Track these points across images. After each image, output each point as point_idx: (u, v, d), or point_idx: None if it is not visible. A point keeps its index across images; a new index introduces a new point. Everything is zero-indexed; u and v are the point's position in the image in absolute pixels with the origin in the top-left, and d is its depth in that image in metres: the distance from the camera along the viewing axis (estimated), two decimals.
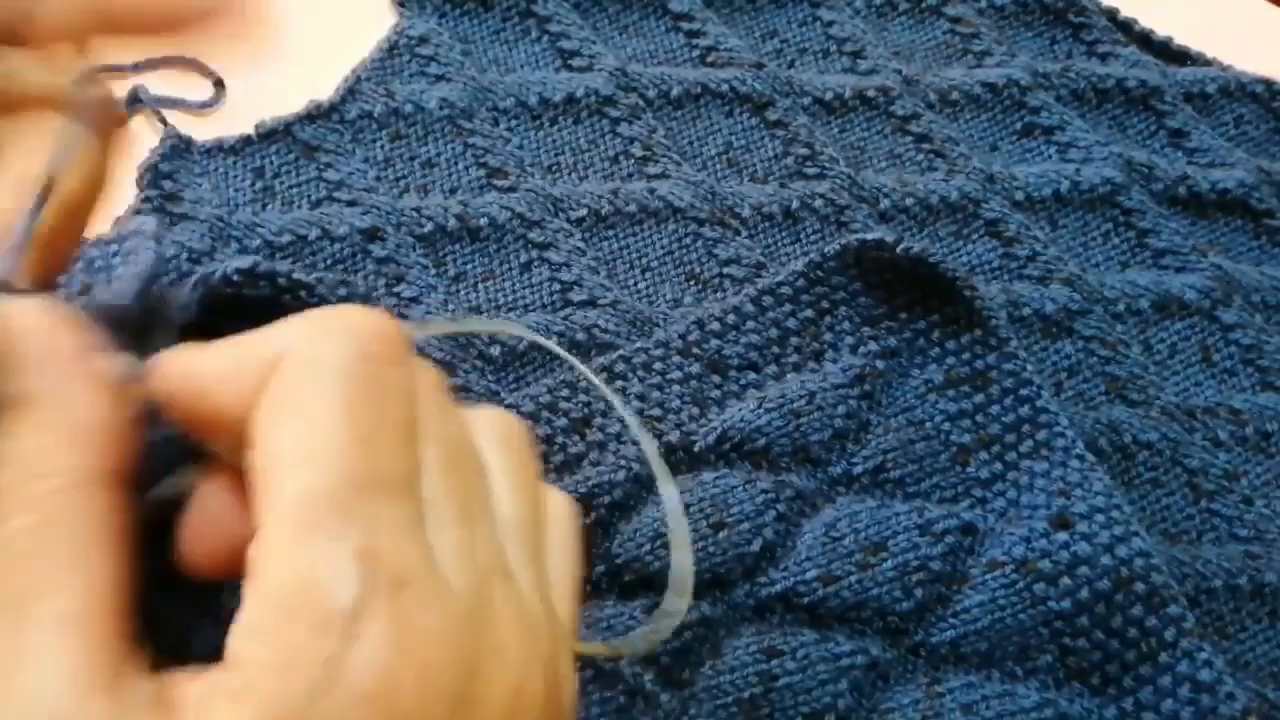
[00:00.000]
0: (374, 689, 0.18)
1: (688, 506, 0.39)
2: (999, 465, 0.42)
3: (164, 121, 0.49)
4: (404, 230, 0.46)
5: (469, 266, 0.47)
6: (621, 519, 0.39)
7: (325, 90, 0.50)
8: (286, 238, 0.45)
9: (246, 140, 0.48)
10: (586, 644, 0.27)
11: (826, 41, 0.58)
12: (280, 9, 0.55)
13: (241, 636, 0.18)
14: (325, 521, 0.18)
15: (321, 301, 0.24)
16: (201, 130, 0.48)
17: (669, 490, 0.27)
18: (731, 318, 0.44)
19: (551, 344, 0.27)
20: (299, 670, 0.17)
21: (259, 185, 0.47)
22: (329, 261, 0.46)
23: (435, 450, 0.21)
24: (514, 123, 0.51)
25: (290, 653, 0.18)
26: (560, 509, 0.25)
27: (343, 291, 0.24)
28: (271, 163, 0.48)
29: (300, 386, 0.19)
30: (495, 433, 0.24)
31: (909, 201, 0.52)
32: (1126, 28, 0.62)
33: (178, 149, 0.47)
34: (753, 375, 0.43)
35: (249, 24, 0.25)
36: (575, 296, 0.46)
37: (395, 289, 0.45)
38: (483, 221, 0.47)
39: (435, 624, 0.19)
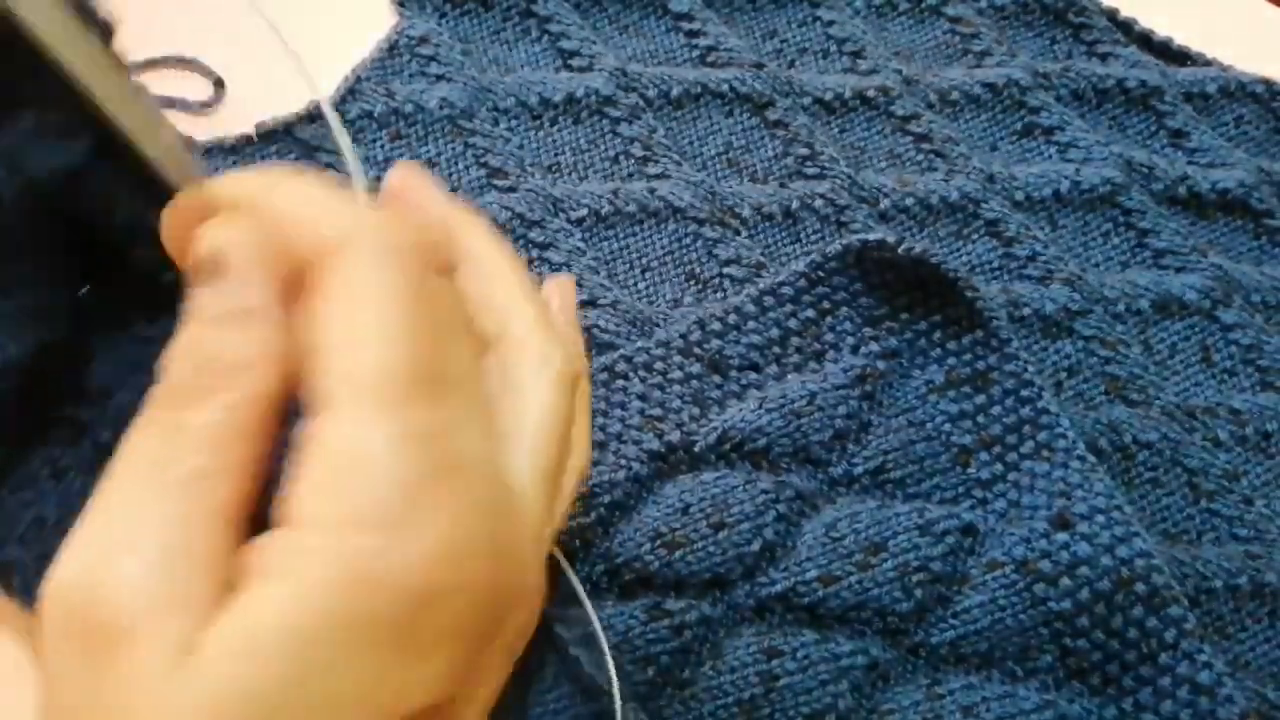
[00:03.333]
0: (429, 555, 0.19)
1: (688, 506, 0.39)
2: (999, 466, 0.42)
3: None
4: None
5: None
6: (621, 519, 0.39)
7: (327, 91, 0.50)
8: None
9: (246, 140, 0.48)
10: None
11: (826, 41, 0.58)
12: (280, 9, 0.55)
13: (310, 497, 0.19)
14: (389, 401, 0.20)
15: None
16: (201, 130, 0.48)
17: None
18: (732, 318, 0.44)
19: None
20: (363, 534, 0.19)
21: None
22: None
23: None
24: (514, 123, 0.51)
25: (363, 511, 0.19)
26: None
27: None
28: (271, 163, 0.48)
29: (369, 277, 0.20)
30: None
31: (909, 201, 0.52)
32: (1126, 28, 0.62)
33: None
34: (753, 375, 0.43)
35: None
36: (575, 296, 0.46)
37: None
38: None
39: (476, 504, 0.20)
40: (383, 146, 0.49)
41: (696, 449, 0.41)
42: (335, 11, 0.55)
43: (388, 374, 0.20)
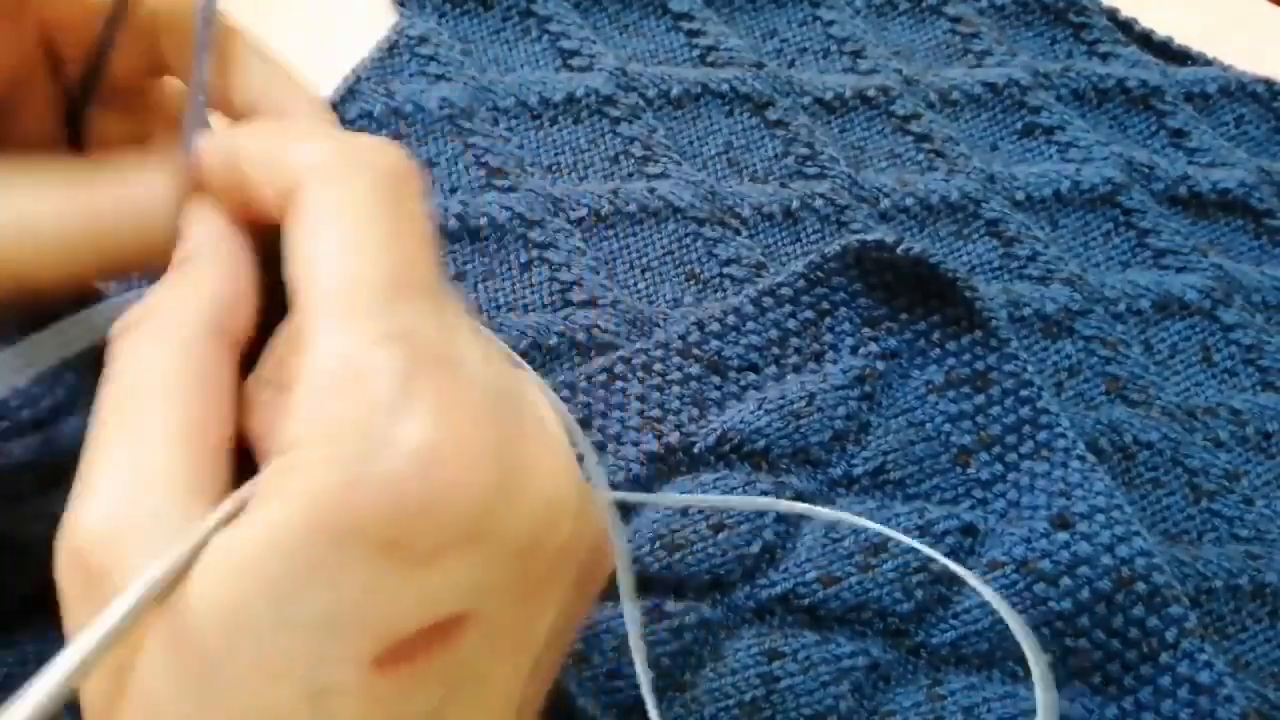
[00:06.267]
0: (419, 455, 0.18)
1: (687, 508, 0.39)
2: (999, 466, 0.42)
3: None
4: None
5: (469, 266, 0.47)
6: (621, 520, 0.39)
7: (325, 90, 0.50)
8: None
9: None
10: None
11: (827, 41, 0.58)
12: (282, 9, 0.55)
13: (295, 420, 0.19)
14: (368, 307, 0.19)
15: None
16: None
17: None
18: (731, 319, 0.44)
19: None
20: (348, 440, 0.18)
21: None
22: None
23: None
24: (514, 122, 0.51)
25: (339, 426, 0.18)
26: None
27: None
28: None
29: (336, 196, 0.21)
30: None
31: (909, 201, 0.52)
32: (1127, 28, 0.62)
33: None
34: (753, 376, 0.43)
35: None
36: (575, 296, 0.46)
37: None
38: (483, 221, 0.47)
39: (474, 402, 0.19)
40: None
41: (696, 450, 0.41)
42: (335, 11, 0.55)
43: (356, 281, 0.20)
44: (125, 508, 0.19)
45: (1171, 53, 0.61)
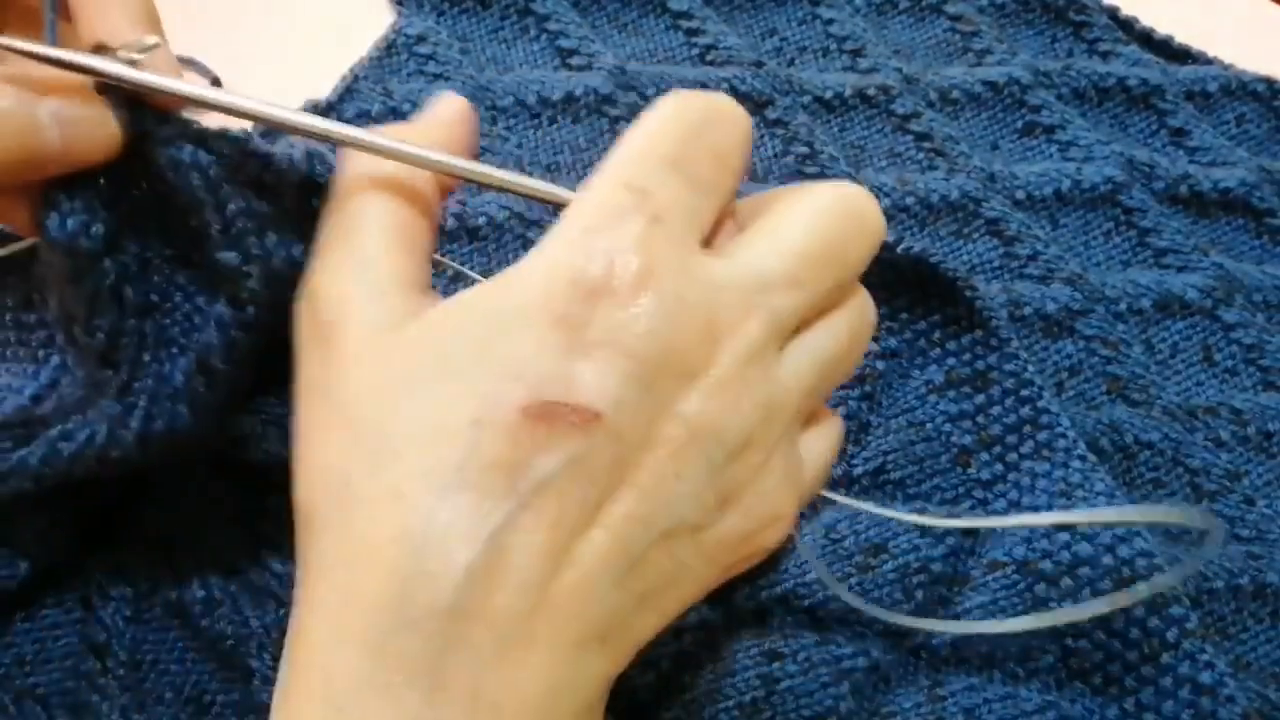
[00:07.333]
0: (613, 265, 0.24)
1: None
2: (1000, 466, 0.42)
3: None
4: None
5: (468, 266, 0.47)
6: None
7: (324, 90, 0.50)
8: None
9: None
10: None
11: (826, 40, 0.58)
12: (280, 9, 0.55)
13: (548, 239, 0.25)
14: (631, 163, 0.25)
15: None
16: None
17: None
18: None
19: None
20: (569, 244, 0.24)
21: None
22: None
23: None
24: (512, 121, 0.51)
25: (567, 231, 0.25)
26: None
27: None
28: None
29: (657, 107, 0.27)
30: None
31: (909, 200, 0.52)
32: (1127, 26, 0.62)
33: None
34: None
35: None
36: None
37: None
38: (481, 221, 0.47)
39: (669, 260, 0.25)
40: None
41: None
42: (333, 10, 0.55)
43: (635, 149, 0.26)
44: (350, 280, 0.26)
45: (1172, 51, 0.61)
